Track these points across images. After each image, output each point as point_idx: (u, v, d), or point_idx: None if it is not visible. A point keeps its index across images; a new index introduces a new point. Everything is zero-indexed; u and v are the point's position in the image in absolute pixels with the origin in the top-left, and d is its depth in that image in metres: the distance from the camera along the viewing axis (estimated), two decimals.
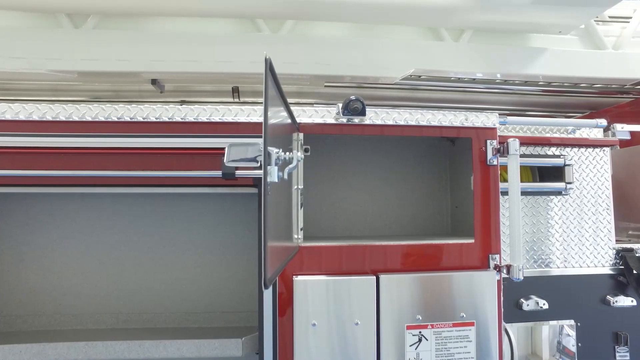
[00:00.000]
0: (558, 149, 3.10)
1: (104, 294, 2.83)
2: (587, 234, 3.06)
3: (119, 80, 3.89)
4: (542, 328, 3.02)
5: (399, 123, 2.37)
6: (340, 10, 3.55)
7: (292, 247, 2.09)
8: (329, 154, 2.98)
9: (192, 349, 2.33)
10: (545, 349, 3.02)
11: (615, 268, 3.06)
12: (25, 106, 2.27)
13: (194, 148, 2.29)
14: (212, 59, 3.51)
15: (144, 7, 3.39)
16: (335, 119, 2.34)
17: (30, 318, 2.76)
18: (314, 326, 2.15)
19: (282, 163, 1.31)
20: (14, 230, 2.81)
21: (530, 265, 2.97)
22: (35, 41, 3.42)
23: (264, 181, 1.18)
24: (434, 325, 2.24)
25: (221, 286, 2.91)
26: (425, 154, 3.08)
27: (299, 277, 2.19)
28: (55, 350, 2.29)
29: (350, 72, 3.78)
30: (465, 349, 2.25)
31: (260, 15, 3.62)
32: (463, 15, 3.69)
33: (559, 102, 4.85)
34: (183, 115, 2.29)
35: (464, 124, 2.42)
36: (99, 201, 2.86)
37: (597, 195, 3.10)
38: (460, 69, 3.95)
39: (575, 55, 4.03)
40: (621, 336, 2.98)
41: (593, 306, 3.00)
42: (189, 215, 2.95)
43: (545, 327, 3.02)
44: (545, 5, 3.47)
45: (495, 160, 2.44)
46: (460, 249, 2.39)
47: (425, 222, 3.06)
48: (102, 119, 2.26)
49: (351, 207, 3.00)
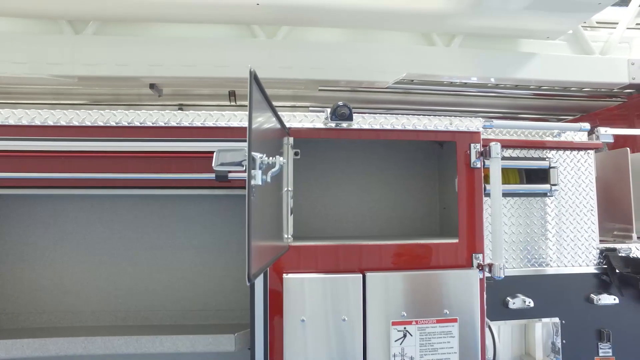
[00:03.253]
0: (544, 152, 3.20)
1: (103, 293, 2.92)
2: (572, 234, 3.15)
3: (118, 85, 3.99)
4: (535, 328, 3.11)
5: (386, 127, 2.46)
6: (334, 16, 3.65)
7: (281, 246, 2.19)
8: (321, 157, 3.06)
9: (186, 344, 2.43)
10: (538, 349, 3.11)
11: (599, 267, 3.15)
12: (27, 112, 2.37)
13: (190, 152, 2.39)
14: (208, 63, 3.62)
15: (142, 13, 3.49)
16: (324, 124, 2.43)
17: (32, 315, 2.85)
18: (303, 322, 2.24)
19: (266, 167, 1.41)
20: (16, 231, 2.90)
21: (517, 265, 3.07)
22: (36, 46, 3.53)
23: (248, 184, 1.28)
24: (419, 322, 2.33)
25: (217, 285, 2.99)
26: (415, 157, 3.16)
27: (289, 275, 2.29)
28: (56, 345, 2.39)
29: (343, 76, 3.88)
30: (449, 344, 2.34)
31: (256, 21, 3.72)
32: (454, 21, 3.79)
33: (550, 106, 4.94)
34: (178, 120, 2.39)
35: (448, 128, 2.52)
36: (98, 203, 2.95)
37: (581, 196, 3.19)
38: (451, 73, 4.06)
39: (564, 60, 4.13)
40: (604, 333, 3.07)
41: (577, 304, 3.09)
42: (186, 216, 3.04)
43: (539, 327, 3.10)
44: (534, 11, 3.56)
45: (478, 163, 2.54)
46: (444, 248, 2.49)
47: (415, 223, 3.15)
48: (101, 124, 2.36)
49: (342, 208, 3.07)
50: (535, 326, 3.11)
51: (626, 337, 3.10)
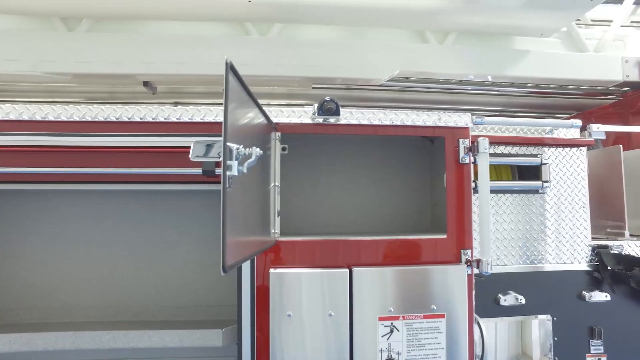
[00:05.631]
0: (536, 149, 3.19)
1: (95, 289, 2.92)
2: (564, 231, 3.14)
3: (113, 82, 4.00)
4: (532, 328, 3.10)
5: (374, 123, 2.46)
6: (327, 13, 3.65)
7: (267, 241, 2.19)
8: (313, 154, 3.06)
9: (174, 339, 2.43)
10: (535, 349, 3.10)
11: (591, 264, 3.14)
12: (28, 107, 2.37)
13: (179, 147, 2.39)
14: (201, 61, 3.62)
15: (135, 11, 3.50)
16: (312, 119, 2.44)
17: (22, 311, 2.86)
18: (289, 317, 2.24)
19: (242, 158, 1.42)
20: (7, 227, 2.91)
21: (509, 262, 3.06)
22: (30, 44, 3.53)
23: (223, 174, 1.28)
24: (406, 317, 2.33)
25: (208, 281, 3.00)
26: (407, 153, 3.16)
27: (276, 270, 2.29)
28: (44, 340, 2.39)
29: (336, 74, 3.87)
30: (436, 340, 2.34)
31: (248, 18, 3.73)
32: (447, 18, 3.78)
33: (547, 104, 4.93)
34: (166, 115, 2.40)
35: (436, 124, 2.52)
36: (88, 199, 2.96)
37: (573, 193, 3.19)
38: (444, 70, 4.05)
39: (558, 57, 4.12)
40: (595, 330, 3.07)
41: (569, 301, 3.09)
42: (178, 212, 3.04)
43: (535, 327, 3.09)
44: (526, 9, 3.55)
45: (467, 158, 2.53)
46: (433, 244, 2.48)
47: (407, 219, 3.15)
48: (89, 119, 2.37)
49: (334, 204, 3.08)
50: (532, 325, 3.10)
51: (618, 334, 3.09)
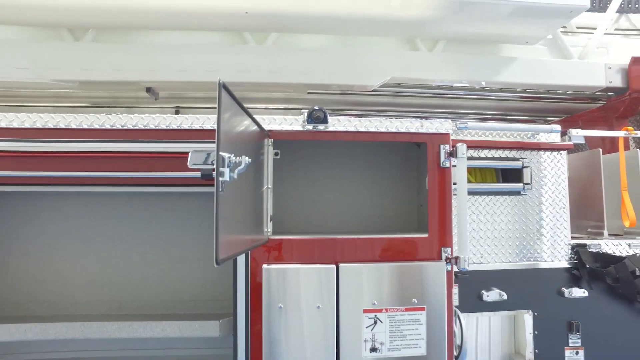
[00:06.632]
0: (519, 152, 3.36)
1: (99, 284, 3.12)
2: (545, 230, 3.31)
3: (116, 88, 4.20)
4: (525, 327, 3.24)
5: (360, 130, 2.64)
6: (321, 23, 3.84)
7: (259, 239, 2.38)
8: (305, 158, 3.22)
9: (175, 329, 2.64)
10: (529, 347, 3.23)
11: (570, 262, 3.31)
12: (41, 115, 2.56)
13: (179, 152, 2.57)
14: (200, 69, 3.81)
15: (138, 22, 3.70)
16: (302, 127, 2.62)
17: (32, 305, 3.05)
18: (281, 309, 2.43)
19: (233, 165, 1.60)
20: (19, 226, 3.11)
21: (492, 260, 3.24)
22: (38, 53, 3.74)
23: (216, 180, 1.47)
24: (388, 310, 2.51)
25: (206, 277, 3.18)
26: (395, 158, 3.31)
27: (268, 266, 2.48)
28: (55, 329, 2.60)
29: (330, 80, 4.06)
30: (417, 331, 2.52)
31: (245, 28, 3.92)
32: (437, 27, 3.97)
33: (536, 108, 5.10)
34: (168, 123, 2.59)
35: (419, 130, 2.70)
36: (93, 200, 3.15)
37: (554, 194, 3.35)
38: (434, 76, 4.24)
39: (543, 64, 4.30)
40: (574, 324, 3.24)
41: (549, 297, 3.25)
42: (178, 212, 3.22)
43: (529, 325, 3.23)
44: (512, 18, 3.73)
45: (448, 162, 2.71)
46: (415, 242, 2.66)
47: (395, 220, 3.32)
48: (97, 127, 2.56)
49: (326, 206, 3.23)
50: (526, 324, 3.24)
51: (594, 328, 3.26)
